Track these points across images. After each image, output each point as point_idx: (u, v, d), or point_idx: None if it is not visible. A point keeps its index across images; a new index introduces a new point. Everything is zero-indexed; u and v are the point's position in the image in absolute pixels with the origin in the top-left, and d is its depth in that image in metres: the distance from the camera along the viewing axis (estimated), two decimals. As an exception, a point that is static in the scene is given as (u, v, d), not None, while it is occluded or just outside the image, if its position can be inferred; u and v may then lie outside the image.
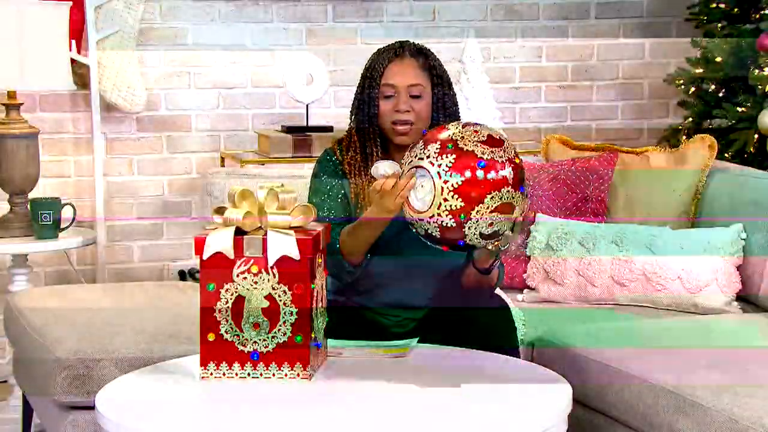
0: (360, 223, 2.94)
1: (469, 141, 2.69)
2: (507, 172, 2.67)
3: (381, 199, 2.77)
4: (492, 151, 2.67)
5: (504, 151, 2.69)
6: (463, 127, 2.73)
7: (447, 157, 2.67)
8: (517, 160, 2.72)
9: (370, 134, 3.09)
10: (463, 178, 2.65)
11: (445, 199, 2.66)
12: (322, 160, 3.15)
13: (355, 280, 3.06)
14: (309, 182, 3.16)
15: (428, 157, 2.69)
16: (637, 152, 4.11)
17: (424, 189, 2.70)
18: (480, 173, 2.65)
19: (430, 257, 2.99)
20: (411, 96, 3.06)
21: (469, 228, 2.67)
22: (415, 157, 2.72)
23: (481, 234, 2.69)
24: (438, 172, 2.66)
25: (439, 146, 2.69)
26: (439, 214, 2.67)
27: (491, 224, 2.68)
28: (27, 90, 4.39)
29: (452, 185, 2.65)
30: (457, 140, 2.69)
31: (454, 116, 3.11)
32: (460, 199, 2.65)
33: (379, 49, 3.13)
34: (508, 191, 2.67)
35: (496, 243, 2.77)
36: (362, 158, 3.10)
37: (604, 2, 5.19)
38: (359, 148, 3.11)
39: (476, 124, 2.77)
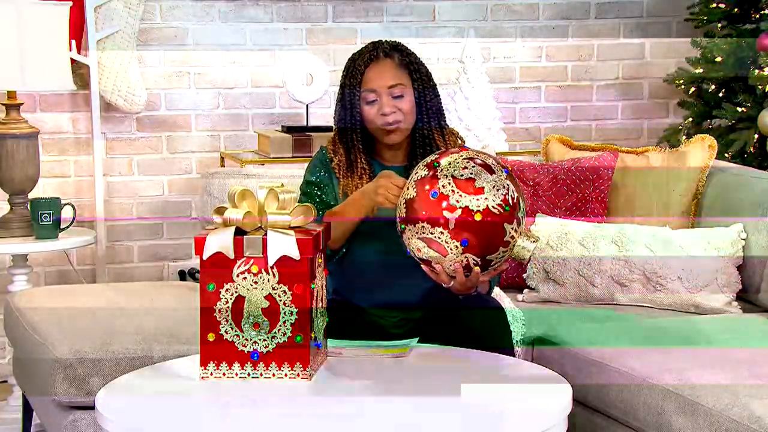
0: (345, 204, 3.00)
1: (452, 170, 2.77)
2: (452, 216, 2.73)
3: (376, 189, 2.89)
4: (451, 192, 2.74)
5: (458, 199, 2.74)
6: (459, 157, 2.80)
7: (422, 170, 2.81)
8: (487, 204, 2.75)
9: (353, 141, 3.10)
10: (415, 192, 2.77)
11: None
12: (317, 156, 3.19)
13: (351, 277, 3.08)
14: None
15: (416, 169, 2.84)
16: (637, 152, 4.11)
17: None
18: (433, 194, 2.75)
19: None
20: (393, 96, 3.06)
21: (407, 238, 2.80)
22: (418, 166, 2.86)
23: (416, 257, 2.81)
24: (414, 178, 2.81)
25: (429, 160, 2.83)
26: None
27: (417, 251, 2.79)
28: (27, 90, 4.39)
29: (411, 185, 2.79)
30: (440, 165, 2.78)
31: (438, 108, 3.14)
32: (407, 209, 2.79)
33: (353, 55, 3.13)
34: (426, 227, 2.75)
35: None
36: (347, 165, 3.11)
37: (604, 2, 5.19)
38: (344, 154, 3.12)
39: (478, 153, 2.85)
